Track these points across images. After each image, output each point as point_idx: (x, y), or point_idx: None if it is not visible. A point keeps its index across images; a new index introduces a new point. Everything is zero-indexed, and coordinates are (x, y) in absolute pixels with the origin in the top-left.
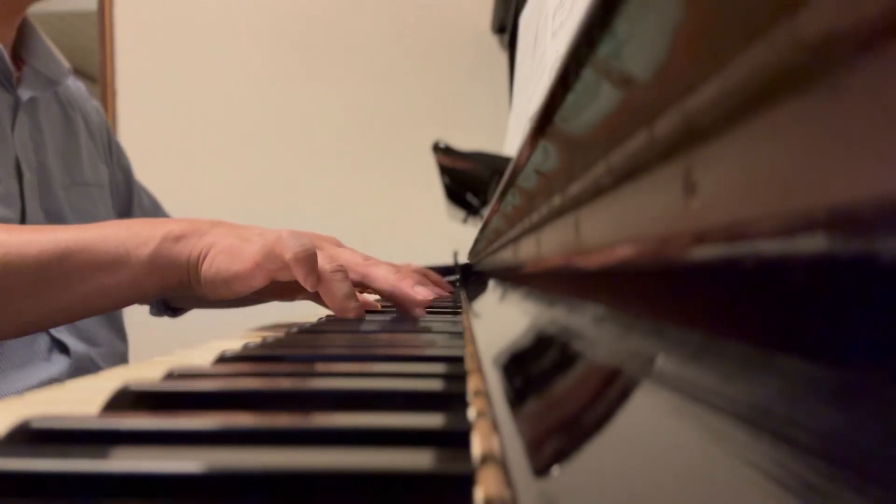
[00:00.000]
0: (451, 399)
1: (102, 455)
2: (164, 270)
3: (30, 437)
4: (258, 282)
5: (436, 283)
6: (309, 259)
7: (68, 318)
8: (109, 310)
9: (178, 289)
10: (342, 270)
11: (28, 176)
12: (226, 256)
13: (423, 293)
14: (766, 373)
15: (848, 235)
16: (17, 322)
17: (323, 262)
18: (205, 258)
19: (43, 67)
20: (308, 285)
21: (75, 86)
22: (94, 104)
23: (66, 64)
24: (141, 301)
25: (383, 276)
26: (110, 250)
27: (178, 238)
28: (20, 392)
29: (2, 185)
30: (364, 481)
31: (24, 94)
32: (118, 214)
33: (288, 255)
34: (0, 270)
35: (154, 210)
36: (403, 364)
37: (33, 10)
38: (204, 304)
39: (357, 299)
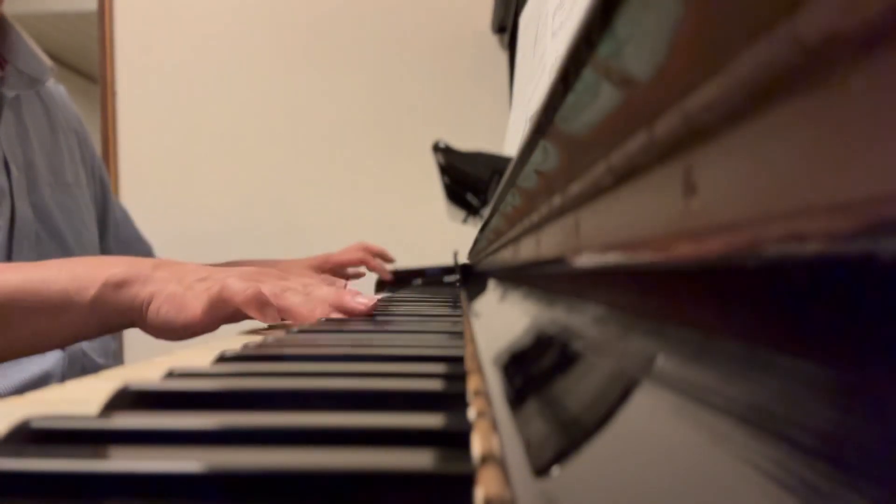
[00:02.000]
0: (451, 399)
1: (102, 455)
2: (106, 316)
3: (30, 437)
4: (208, 328)
5: (378, 255)
6: (258, 297)
7: (7, 358)
8: (50, 349)
9: (120, 330)
10: (290, 288)
11: (16, 173)
12: (171, 306)
13: (364, 303)
14: (766, 373)
15: (848, 235)
16: None
17: (269, 290)
18: (149, 306)
19: (25, 66)
20: (269, 320)
21: (57, 90)
22: (76, 112)
23: (48, 62)
24: (81, 340)
25: (322, 298)
26: (52, 295)
27: (120, 284)
28: (15, 385)
29: None
30: (364, 481)
31: (8, 92)
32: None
33: (238, 300)
34: None
35: (125, 223)
36: (403, 364)
37: (32, 10)
38: None
39: (316, 304)
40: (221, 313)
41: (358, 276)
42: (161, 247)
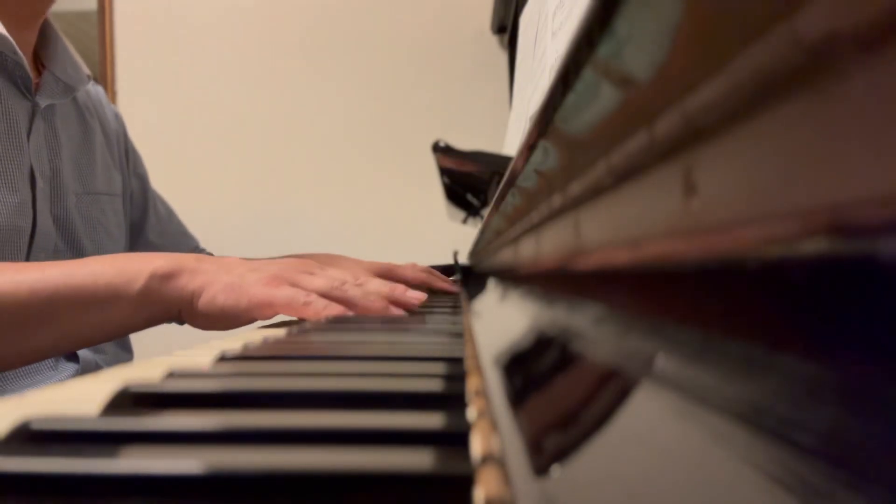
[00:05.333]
0: (451, 399)
1: (102, 455)
2: (153, 307)
3: (30, 437)
4: (266, 317)
5: (441, 280)
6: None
7: (56, 353)
8: (97, 343)
9: (164, 322)
10: (348, 281)
11: (41, 185)
12: (230, 295)
13: (416, 296)
14: (766, 373)
15: (848, 235)
16: (7, 358)
17: (326, 285)
18: (200, 296)
19: (62, 74)
20: (334, 312)
21: (94, 90)
22: (113, 109)
23: (86, 70)
24: (128, 333)
25: (376, 290)
26: (99, 289)
27: (167, 276)
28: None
29: (17, 194)
30: (364, 481)
31: (43, 101)
32: (133, 223)
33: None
34: None
35: (168, 217)
36: (403, 364)
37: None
38: None
39: (372, 295)
40: (284, 310)
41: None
42: None
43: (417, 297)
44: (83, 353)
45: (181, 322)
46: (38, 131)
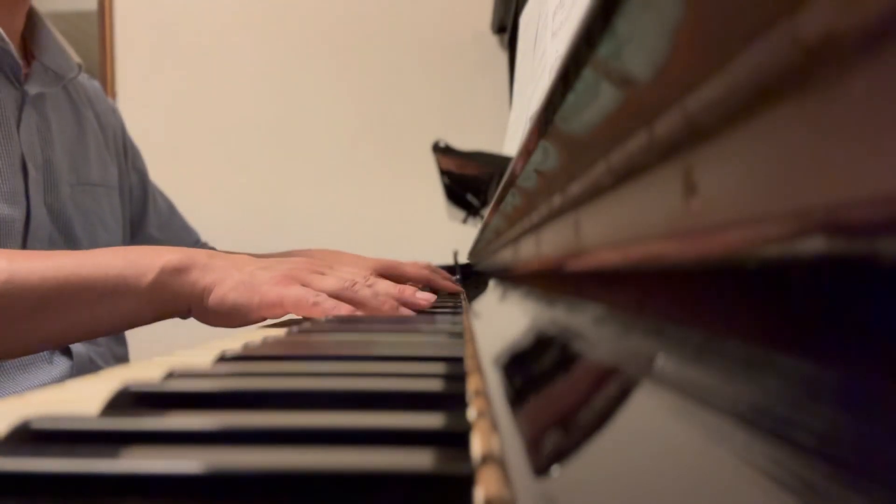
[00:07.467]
0: (451, 399)
1: (102, 455)
2: (163, 301)
3: (30, 437)
4: (276, 316)
5: (444, 277)
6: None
7: (66, 343)
8: (106, 335)
9: (173, 316)
10: (358, 282)
11: (33, 174)
12: (242, 292)
13: (426, 297)
14: (766, 373)
15: (848, 235)
16: (14, 346)
17: (337, 285)
18: (211, 292)
19: (51, 62)
20: (346, 310)
21: (91, 85)
22: (110, 104)
23: (75, 59)
24: (136, 326)
25: (385, 291)
26: (109, 280)
27: (178, 270)
28: (22, 393)
29: (7, 182)
30: (364, 481)
31: (32, 89)
32: (133, 217)
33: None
34: (1, 297)
35: (169, 212)
36: (403, 364)
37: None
38: None
39: (382, 296)
40: (295, 310)
41: None
42: None
43: (426, 298)
44: (76, 347)
45: (186, 317)
46: (28, 120)
